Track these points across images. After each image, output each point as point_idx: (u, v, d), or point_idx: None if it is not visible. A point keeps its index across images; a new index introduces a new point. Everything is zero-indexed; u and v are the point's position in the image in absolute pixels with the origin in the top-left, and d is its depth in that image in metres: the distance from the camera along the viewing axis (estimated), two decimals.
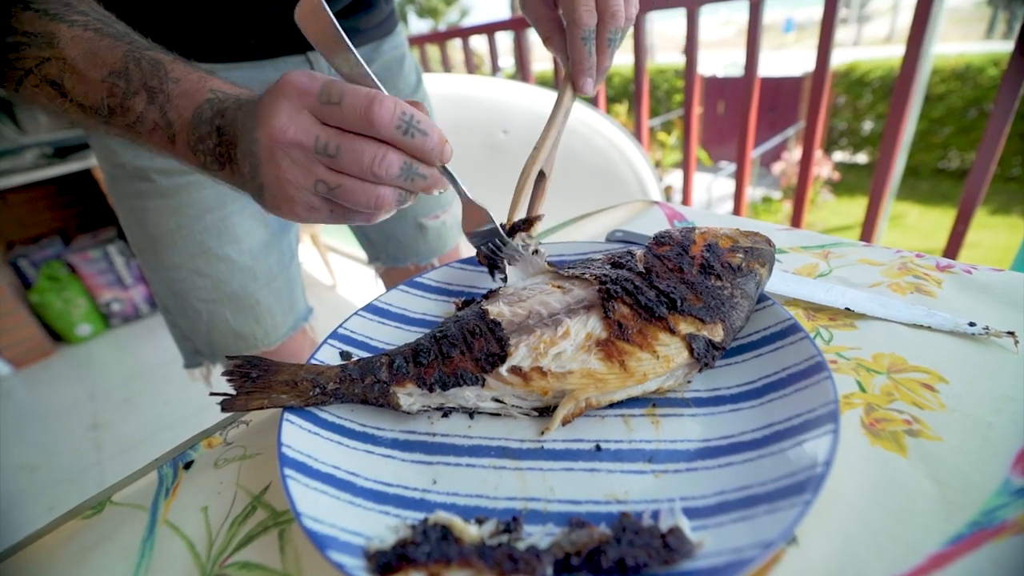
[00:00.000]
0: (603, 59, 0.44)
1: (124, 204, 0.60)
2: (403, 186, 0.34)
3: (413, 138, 0.32)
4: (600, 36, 0.43)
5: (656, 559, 0.23)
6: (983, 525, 0.26)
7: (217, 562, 0.30)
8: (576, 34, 0.42)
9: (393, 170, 0.32)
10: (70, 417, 2.01)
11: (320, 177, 0.32)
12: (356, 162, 0.32)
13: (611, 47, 0.44)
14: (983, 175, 1.05)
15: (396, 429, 0.36)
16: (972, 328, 0.38)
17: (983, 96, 4.59)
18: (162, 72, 0.36)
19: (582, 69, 0.44)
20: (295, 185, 0.33)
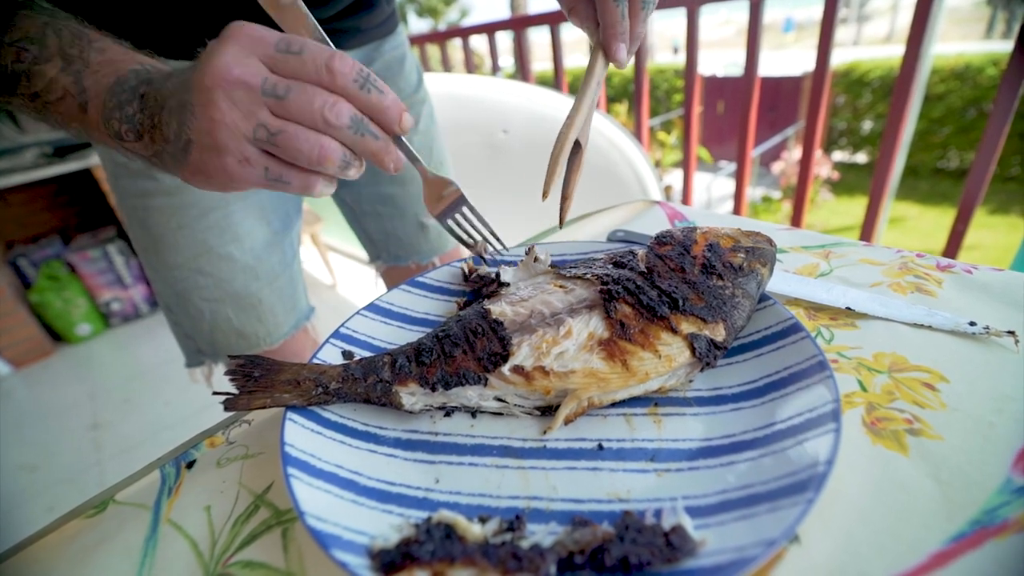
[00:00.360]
0: (636, 24, 0.41)
1: (127, 202, 0.60)
2: (351, 141, 0.32)
3: (370, 93, 0.31)
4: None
5: (659, 557, 0.23)
6: (985, 523, 0.26)
7: (220, 561, 0.30)
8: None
9: (343, 118, 0.31)
10: (70, 417, 2.01)
11: (262, 121, 0.30)
12: (306, 105, 0.30)
13: (645, 10, 0.41)
14: (983, 174, 1.06)
15: (398, 428, 0.36)
16: (973, 328, 0.38)
17: (982, 96, 4.59)
18: (84, 42, 0.34)
19: (615, 33, 0.41)
20: (231, 130, 0.30)
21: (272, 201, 0.66)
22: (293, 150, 0.31)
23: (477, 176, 1.52)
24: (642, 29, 0.42)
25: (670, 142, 3.94)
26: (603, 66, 0.43)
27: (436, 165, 0.80)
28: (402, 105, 0.33)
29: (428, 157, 0.78)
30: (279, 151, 0.31)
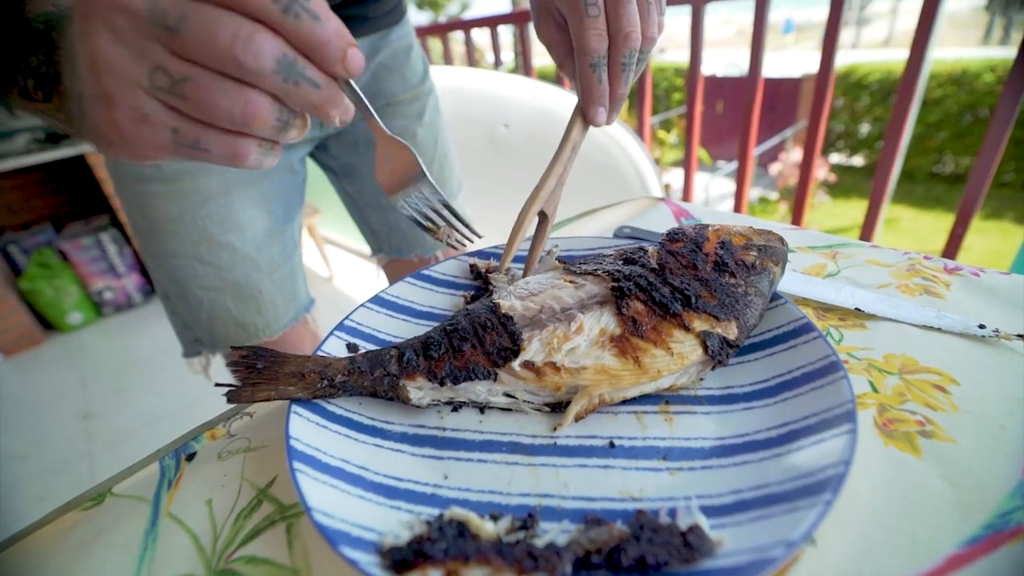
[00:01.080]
0: (617, 86, 0.40)
1: (125, 188, 0.59)
2: (281, 91, 0.24)
3: (298, 18, 0.23)
4: (613, 61, 0.38)
5: (677, 557, 0.22)
6: (999, 527, 0.26)
7: (223, 556, 0.30)
8: (584, 61, 0.38)
9: (265, 60, 0.23)
10: (61, 406, 1.99)
11: (158, 63, 0.23)
12: (209, 38, 0.22)
13: (626, 72, 0.39)
14: (983, 178, 1.06)
15: (405, 423, 0.36)
16: (982, 330, 0.38)
17: (979, 101, 4.62)
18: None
19: (592, 98, 0.40)
20: (117, 75, 0.23)
21: (274, 190, 0.65)
22: (206, 105, 0.23)
23: (478, 170, 1.51)
24: (623, 91, 0.40)
25: (669, 141, 3.94)
26: (581, 131, 0.42)
27: (440, 157, 0.79)
28: (347, 36, 0.24)
29: (432, 149, 0.77)
30: (188, 107, 0.24)
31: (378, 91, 0.69)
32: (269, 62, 0.23)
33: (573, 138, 0.42)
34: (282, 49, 0.23)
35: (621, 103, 0.41)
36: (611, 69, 0.39)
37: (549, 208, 0.43)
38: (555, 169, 0.42)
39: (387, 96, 0.70)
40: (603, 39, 0.37)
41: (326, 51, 0.24)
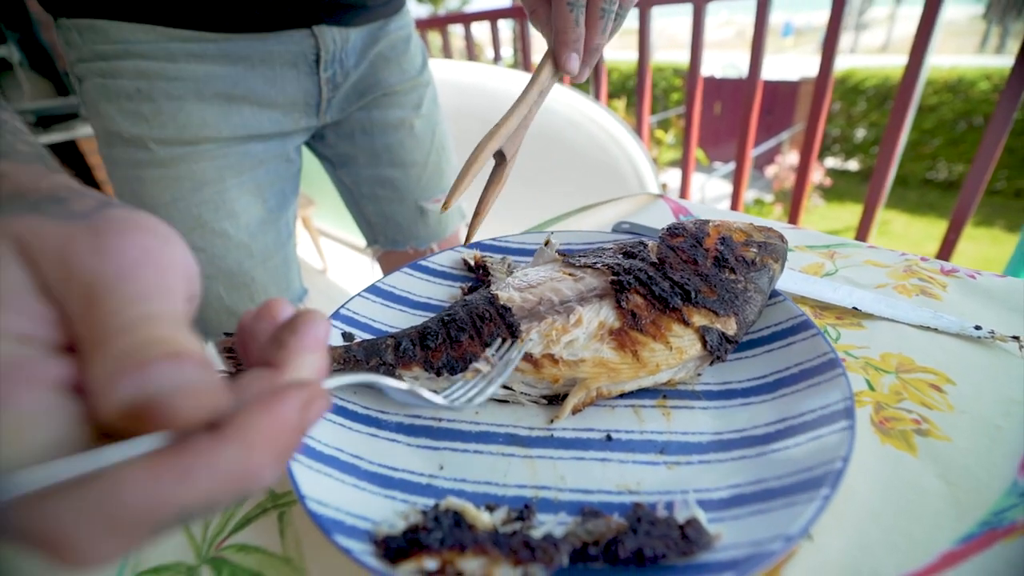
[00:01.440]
0: (593, 34, 0.37)
1: (119, 172, 0.58)
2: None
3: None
4: (592, 4, 0.36)
5: (675, 550, 0.22)
6: (993, 525, 0.26)
7: (213, 544, 0.29)
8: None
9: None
10: None
11: None
12: None
13: (604, 20, 0.37)
14: (978, 184, 1.07)
15: (400, 413, 0.35)
16: (978, 332, 0.38)
17: (973, 109, 4.66)
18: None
19: (565, 40, 0.37)
20: None
21: (269, 178, 0.65)
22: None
23: None
24: (600, 41, 0.38)
25: (667, 141, 3.94)
26: (550, 75, 0.39)
27: (438, 149, 0.78)
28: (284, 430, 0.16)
29: (430, 141, 0.77)
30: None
31: (376, 82, 0.69)
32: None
33: (541, 81, 0.39)
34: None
35: (596, 55, 0.39)
36: (589, 14, 0.37)
37: (509, 150, 0.40)
38: (519, 109, 0.39)
39: (385, 87, 0.70)
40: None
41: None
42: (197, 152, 0.57)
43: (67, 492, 0.13)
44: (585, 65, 0.39)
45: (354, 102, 0.69)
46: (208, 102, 0.56)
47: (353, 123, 0.71)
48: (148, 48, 0.52)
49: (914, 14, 1.07)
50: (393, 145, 0.74)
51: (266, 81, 0.58)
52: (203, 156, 0.58)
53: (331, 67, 0.62)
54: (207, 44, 0.54)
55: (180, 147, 0.56)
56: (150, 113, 0.54)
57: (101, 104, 0.54)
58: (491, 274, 0.44)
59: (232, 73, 0.56)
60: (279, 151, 0.65)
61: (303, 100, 0.62)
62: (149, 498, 0.13)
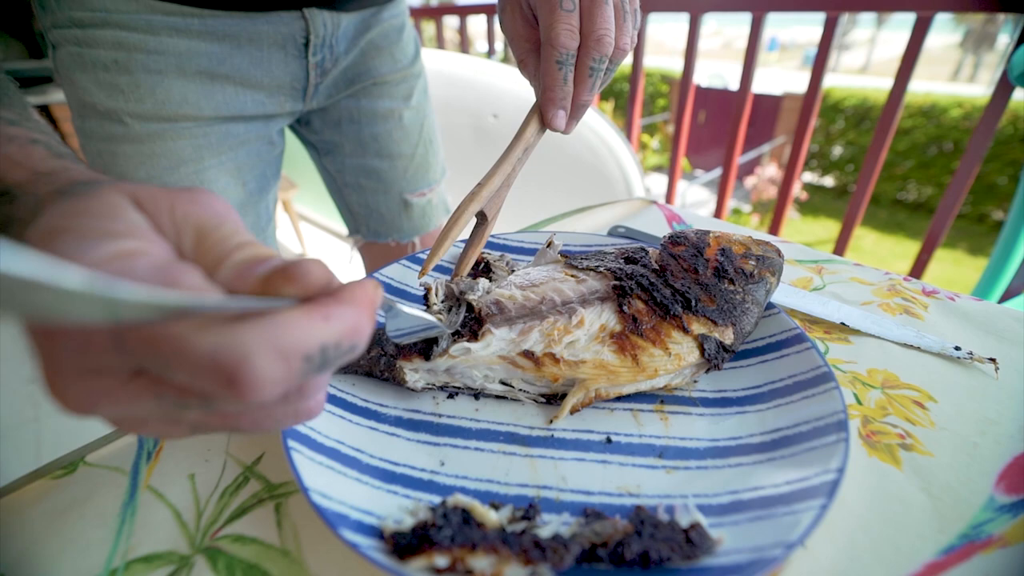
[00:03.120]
0: (581, 90, 0.37)
1: (92, 146, 0.55)
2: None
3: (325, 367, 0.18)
4: (581, 63, 0.36)
5: (679, 554, 0.23)
6: (972, 538, 0.27)
7: (208, 533, 0.29)
8: (551, 56, 0.35)
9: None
10: (4, 369, 1.89)
11: (193, 423, 0.20)
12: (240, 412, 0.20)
13: (593, 78, 0.37)
14: (952, 207, 1.11)
15: (400, 407, 0.35)
16: (958, 352, 0.40)
17: (944, 135, 4.85)
18: None
19: (552, 98, 0.36)
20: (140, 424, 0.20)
21: (250, 160, 0.63)
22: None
23: (463, 159, 1.50)
24: (588, 98, 0.38)
25: (652, 145, 3.99)
26: (536, 132, 0.39)
27: (425, 142, 0.77)
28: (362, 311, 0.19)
29: (418, 133, 0.76)
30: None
31: (366, 70, 0.67)
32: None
33: (527, 138, 0.38)
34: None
35: (583, 111, 0.39)
36: (578, 71, 0.36)
37: (491, 210, 0.40)
38: (502, 168, 0.38)
39: (375, 75, 0.68)
40: (574, 36, 0.35)
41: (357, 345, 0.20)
42: (175, 129, 0.55)
43: (246, 320, 0.16)
44: (572, 120, 0.39)
45: (342, 89, 0.67)
46: (190, 79, 0.54)
47: (340, 110, 0.70)
48: (128, 19, 0.50)
49: (894, 38, 1.10)
50: (380, 135, 0.72)
51: (252, 61, 0.57)
52: (181, 134, 0.56)
53: (320, 52, 0.60)
54: (191, 19, 0.52)
55: (157, 123, 0.54)
56: (127, 86, 0.52)
57: (75, 73, 0.52)
58: (492, 271, 0.44)
59: (217, 51, 0.54)
60: (261, 133, 0.63)
61: (289, 83, 0.61)
62: (304, 331, 0.17)
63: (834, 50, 1.26)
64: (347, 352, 0.18)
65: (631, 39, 0.37)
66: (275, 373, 0.16)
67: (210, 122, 0.57)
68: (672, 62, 7.33)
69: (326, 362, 0.18)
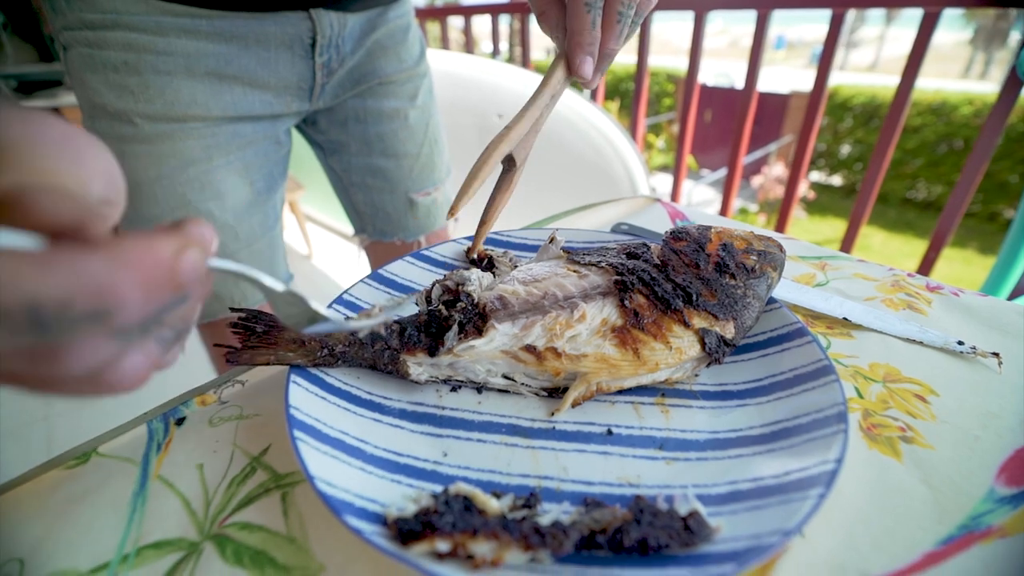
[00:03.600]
0: (609, 38, 0.36)
1: None
2: (154, 336, 0.19)
3: (76, 331, 0.15)
4: (609, 7, 0.35)
5: (677, 541, 0.23)
6: (971, 528, 0.28)
7: (216, 521, 0.30)
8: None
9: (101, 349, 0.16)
10: None
11: None
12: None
13: (621, 24, 0.35)
14: (960, 205, 1.11)
15: (403, 400, 0.36)
16: (961, 347, 0.40)
17: (955, 132, 4.80)
18: None
19: (580, 43, 0.35)
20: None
21: (258, 160, 0.64)
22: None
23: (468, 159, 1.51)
24: (615, 46, 0.37)
25: (657, 145, 3.98)
26: (562, 79, 0.38)
27: (431, 142, 0.78)
28: (159, 261, 0.16)
29: (423, 133, 0.77)
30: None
31: (372, 70, 0.68)
32: (107, 345, 0.16)
33: (553, 85, 0.38)
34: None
35: (609, 61, 0.38)
36: (606, 16, 0.35)
37: (519, 155, 0.39)
38: (530, 112, 0.37)
39: (381, 75, 0.69)
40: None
41: (151, 307, 0.16)
42: (184, 130, 0.56)
43: None
44: (598, 71, 0.38)
45: (348, 89, 0.68)
46: (198, 79, 0.55)
47: (347, 110, 0.71)
48: (138, 20, 0.51)
49: (903, 35, 1.10)
50: (386, 135, 0.73)
51: (259, 62, 0.58)
52: (190, 134, 0.57)
53: (327, 52, 0.61)
54: (200, 20, 0.53)
55: (167, 124, 0.55)
56: (137, 87, 0.53)
57: (86, 75, 0.53)
58: (495, 267, 0.45)
59: (225, 51, 0.55)
60: (269, 133, 0.64)
61: (296, 83, 0.61)
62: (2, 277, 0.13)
63: (842, 48, 1.26)
64: (83, 317, 0.14)
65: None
66: None
67: (218, 122, 0.58)
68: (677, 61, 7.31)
69: (50, 320, 0.14)
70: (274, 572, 0.27)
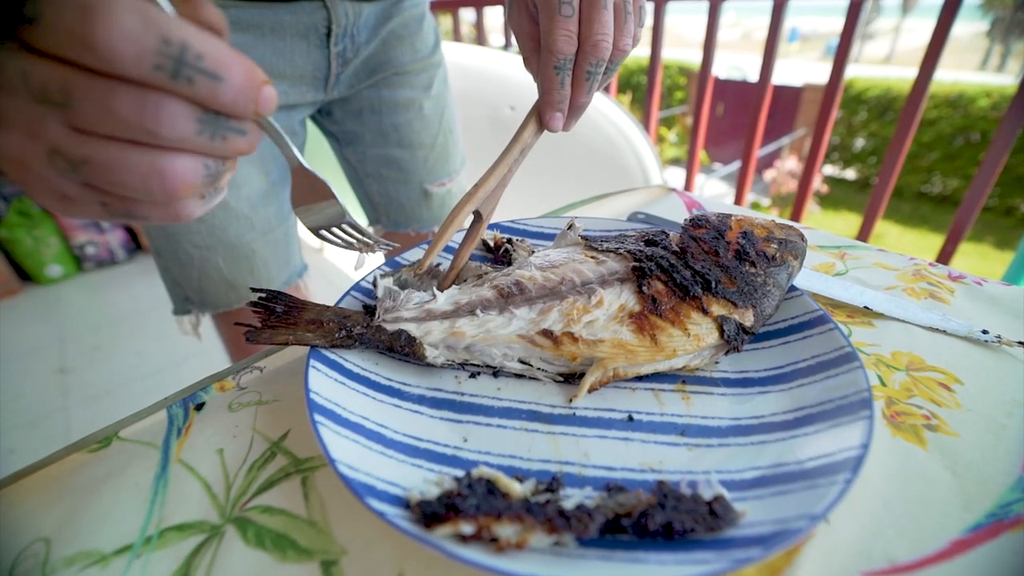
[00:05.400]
0: (579, 94, 0.38)
1: None
2: (209, 149, 0.22)
3: (193, 84, 0.19)
4: (578, 67, 0.37)
5: (703, 525, 0.23)
6: (1000, 516, 0.27)
7: (237, 504, 0.30)
8: (549, 61, 0.36)
9: (184, 125, 0.20)
10: (36, 359, 1.94)
11: (54, 145, 0.20)
12: (106, 112, 0.19)
13: (590, 81, 0.37)
14: (978, 199, 1.09)
15: (422, 386, 0.36)
16: (985, 336, 0.39)
17: (972, 125, 4.70)
18: None
19: (551, 101, 0.38)
20: (18, 162, 0.20)
21: (273, 150, 0.64)
22: (117, 185, 0.21)
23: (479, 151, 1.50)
24: (585, 100, 0.39)
25: (669, 138, 3.95)
26: (533, 133, 0.40)
27: (445, 132, 0.78)
28: (254, 80, 0.21)
29: (438, 123, 0.76)
30: (100, 184, 0.21)
31: (387, 59, 0.68)
32: (189, 124, 0.20)
33: (524, 139, 0.39)
34: (197, 110, 0.20)
35: (581, 112, 0.40)
36: (575, 75, 0.37)
37: (485, 209, 0.41)
38: (498, 170, 0.39)
39: (395, 65, 0.69)
40: (572, 42, 0.36)
41: (236, 109, 0.21)
42: None
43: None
44: (571, 119, 0.40)
45: (364, 79, 0.68)
46: None
47: (361, 100, 0.71)
48: None
49: (919, 27, 1.08)
50: (401, 125, 0.73)
51: (275, 51, 0.58)
52: None
53: (342, 41, 0.61)
54: None
55: None
56: None
57: None
58: (513, 254, 0.45)
59: (240, 41, 0.55)
60: (284, 123, 0.64)
61: (311, 73, 0.61)
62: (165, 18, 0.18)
63: (857, 40, 1.24)
64: (199, 71, 0.19)
65: (633, 38, 0.38)
66: (132, 25, 0.17)
67: None
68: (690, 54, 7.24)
69: (179, 68, 0.18)
70: (296, 555, 0.27)
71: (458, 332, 0.35)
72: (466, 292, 0.38)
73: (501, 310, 0.36)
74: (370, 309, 0.41)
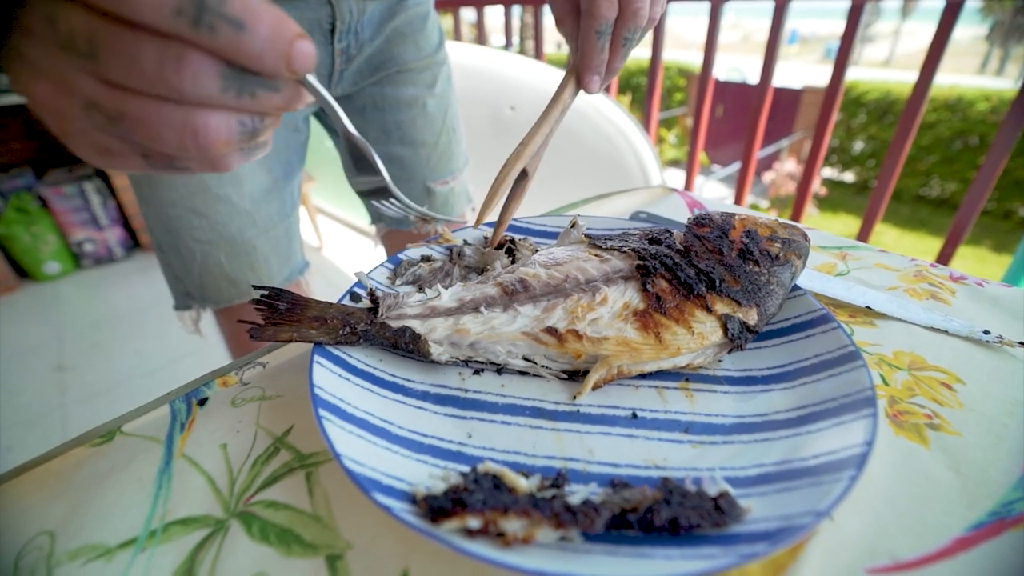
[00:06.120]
0: (615, 58, 0.40)
1: None
2: (240, 106, 0.21)
3: (215, 32, 0.19)
4: (617, 33, 0.39)
5: (709, 521, 0.23)
6: (1002, 515, 0.27)
7: (241, 499, 0.30)
8: (591, 26, 0.38)
9: (205, 80, 0.20)
10: (33, 356, 1.94)
11: (89, 97, 0.20)
12: (132, 64, 0.19)
13: (626, 47, 0.40)
14: (977, 202, 1.09)
15: (426, 382, 0.36)
16: (987, 336, 0.40)
17: (970, 129, 4.72)
18: None
19: (590, 65, 0.40)
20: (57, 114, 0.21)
21: (276, 147, 0.64)
22: (155, 140, 0.21)
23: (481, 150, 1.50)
24: (620, 64, 0.41)
25: (669, 140, 3.96)
26: (572, 94, 0.42)
27: (448, 130, 0.78)
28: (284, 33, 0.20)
29: (441, 121, 0.76)
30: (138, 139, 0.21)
31: (391, 57, 0.68)
32: (212, 81, 0.20)
33: (564, 100, 0.41)
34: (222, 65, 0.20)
35: (614, 76, 0.42)
36: (613, 41, 0.39)
37: (531, 167, 0.44)
38: (542, 128, 0.41)
39: (399, 63, 0.69)
40: (614, 8, 0.37)
41: (264, 63, 0.20)
42: None
43: None
44: (604, 84, 0.43)
45: (367, 76, 0.68)
46: None
47: (365, 98, 0.71)
48: None
49: (918, 30, 1.08)
50: (404, 123, 0.73)
51: None
52: None
53: (346, 38, 0.61)
54: None
55: None
56: None
57: None
58: (517, 251, 0.45)
59: None
60: (287, 120, 0.64)
61: (315, 70, 0.61)
62: None
63: (856, 43, 1.24)
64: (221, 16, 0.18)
65: (661, 7, 0.40)
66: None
67: None
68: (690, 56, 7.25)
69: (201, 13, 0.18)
70: (301, 550, 0.27)
71: (462, 329, 0.35)
72: (470, 289, 0.38)
73: (505, 307, 0.36)
74: (374, 306, 0.41)
